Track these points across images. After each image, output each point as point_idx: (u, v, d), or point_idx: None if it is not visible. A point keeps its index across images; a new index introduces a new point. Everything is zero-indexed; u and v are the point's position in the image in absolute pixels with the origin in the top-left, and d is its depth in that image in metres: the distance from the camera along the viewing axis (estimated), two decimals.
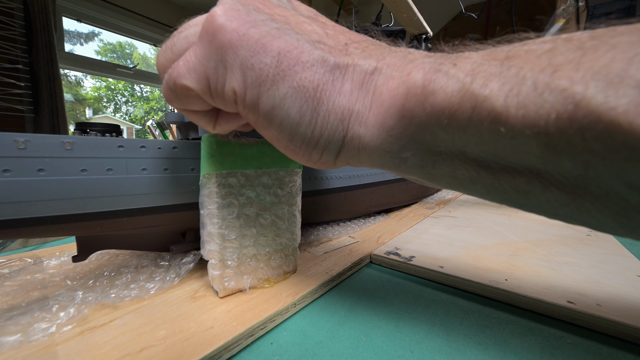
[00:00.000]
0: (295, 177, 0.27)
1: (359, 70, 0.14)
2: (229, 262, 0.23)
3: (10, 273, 0.27)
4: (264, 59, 0.14)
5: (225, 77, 0.15)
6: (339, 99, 0.14)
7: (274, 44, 0.14)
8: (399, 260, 0.30)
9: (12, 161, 0.18)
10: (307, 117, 0.14)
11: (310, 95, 0.14)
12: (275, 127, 0.15)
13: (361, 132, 0.15)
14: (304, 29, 0.15)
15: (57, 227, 0.21)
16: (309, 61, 0.14)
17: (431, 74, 0.12)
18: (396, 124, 0.13)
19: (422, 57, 0.14)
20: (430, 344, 0.19)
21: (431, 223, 0.47)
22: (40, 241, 0.40)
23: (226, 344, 0.18)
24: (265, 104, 0.15)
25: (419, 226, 0.45)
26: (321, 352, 0.18)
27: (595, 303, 0.22)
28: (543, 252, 0.33)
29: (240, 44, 0.14)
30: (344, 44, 0.15)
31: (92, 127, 0.27)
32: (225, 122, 0.20)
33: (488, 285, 0.25)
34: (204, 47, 0.15)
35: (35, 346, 0.17)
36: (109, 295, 0.23)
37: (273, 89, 0.14)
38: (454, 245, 0.35)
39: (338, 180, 0.40)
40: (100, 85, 2.76)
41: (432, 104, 0.12)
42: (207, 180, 0.22)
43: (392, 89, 0.13)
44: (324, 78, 0.14)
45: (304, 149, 0.16)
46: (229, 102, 0.16)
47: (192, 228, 0.29)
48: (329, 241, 0.37)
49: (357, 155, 0.16)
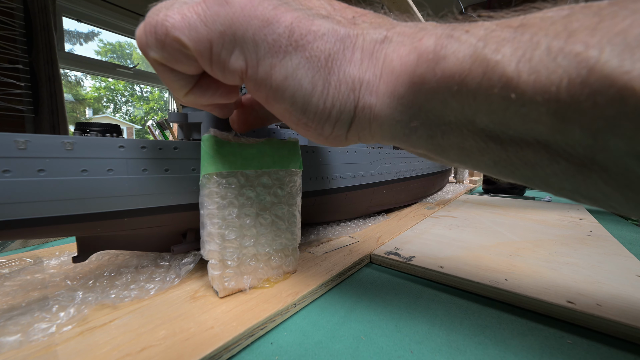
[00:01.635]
0: (295, 177, 0.27)
1: (369, 39, 0.14)
2: (229, 262, 0.23)
3: (10, 273, 0.27)
4: (276, 29, 0.14)
5: (234, 49, 0.14)
6: (349, 68, 0.14)
7: (286, 15, 0.14)
8: (399, 260, 0.30)
9: (12, 161, 0.18)
10: (319, 87, 0.14)
11: (322, 64, 0.14)
12: (288, 99, 0.15)
13: (372, 102, 0.15)
14: (312, 4, 0.15)
15: (57, 227, 0.21)
16: (320, 30, 0.14)
17: (443, 39, 0.12)
18: (406, 91, 0.13)
19: (434, 26, 0.14)
20: (430, 344, 0.19)
21: (431, 223, 0.47)
22: (40, 241, 0.40)
23: (226, 344, 0.18)
24: (278, 75, 0.14)
25: (418, 226, 0.44)
26: (321, 352, 0.18)
27: (595, 303, 0.22)
28: (543, 252, 0.33)
29: (254, 13, 0.14)
30: (351, 17, 0.15)
31: (92, 127, 0.27)
32: (200, 92, 0.18)
33: (488, 286, 0.25)
34: (211, 9, 0.14)
35: (35, 346, 0.17)
36: (109, 295, 0.23)
37: (286, 59, 0.14)
38: (454, 245, 0.35)
39: (338, 181, 0.40)
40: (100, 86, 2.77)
41: (442, 69, 0.12)
42: (207, 181, 0.22)
43: (403, 56, 0.13)
44: (334, 47, 0.14)
45: (316, 122, 0.16)
46: (232, 74, 0.15)
47: (192, 228, 0.29)
48: (329, 241, 0.37)
49: (368, 127, 0.16)
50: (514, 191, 0.80)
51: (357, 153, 0.42)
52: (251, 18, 0.14)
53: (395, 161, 0.52)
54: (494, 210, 0.57)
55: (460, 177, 1.05)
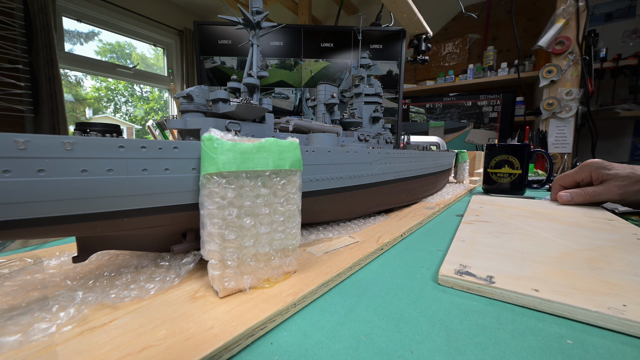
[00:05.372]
0: (295, 177, 0.27)
1: None
2: (229, 262, 0.23)
3: (10, 273, 0.27)
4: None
5: None
6: None
7: None
8: (478, 282, 0.26)
9: (12, 162, 0.18)
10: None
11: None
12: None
13: None
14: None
15: (57, 227, 0.21)
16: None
17: None
18: None
19: None
20: (430, 344, 0.19)
21: (471, 230, 0.43)
22: (40, 241, 0.40)
23: (226, 344, 0.18)
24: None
25: (461, 235, 0.40)
26: (321, 352, 0.18)
27: None
28: (619, 263, 0.30)
29: None
30: None
31: (92, 127, 0.27)
32: None
33: (610, 316, 0.21)
34: None
35: (35, 346, 0.17)
36: (109, 295, 0.23)
37: None
38: (520, 258, 0.31)
39: (338, 181, 0.40)
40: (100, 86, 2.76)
41: None
42: (207, 181, 0.22)
43: None
44: None
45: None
46: None
47: (192, 228, 0.29)
48: (329, 241, 0.37)
49: None
50: (515, 191, 0.80)
51: (357, 153, 0.42)
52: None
53: (395, 161, 0.52)
54: (517, 212, 0.55)
55: (460, 177, 1.05)
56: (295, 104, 1.10)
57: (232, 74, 0.63)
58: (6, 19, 1.53)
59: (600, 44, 1.79)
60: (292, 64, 1.08)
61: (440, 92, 2.35)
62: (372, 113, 0.62)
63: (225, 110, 0.33)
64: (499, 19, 2.34)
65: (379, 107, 0.62)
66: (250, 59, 0.40)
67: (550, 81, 1.63)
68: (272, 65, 1.07)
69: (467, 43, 2.44)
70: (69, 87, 2.48)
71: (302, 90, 1.09)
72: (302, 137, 0.42)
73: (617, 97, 1.91)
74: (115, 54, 2.72)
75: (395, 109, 1.09)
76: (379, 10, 1.22)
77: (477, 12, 1.25)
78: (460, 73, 2.29)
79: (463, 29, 2.48)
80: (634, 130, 1.98)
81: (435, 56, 2.57)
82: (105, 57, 2.62)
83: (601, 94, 1.93)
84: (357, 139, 0.54)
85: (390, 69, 1.07)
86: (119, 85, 2.89)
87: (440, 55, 2.55)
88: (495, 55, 2.20)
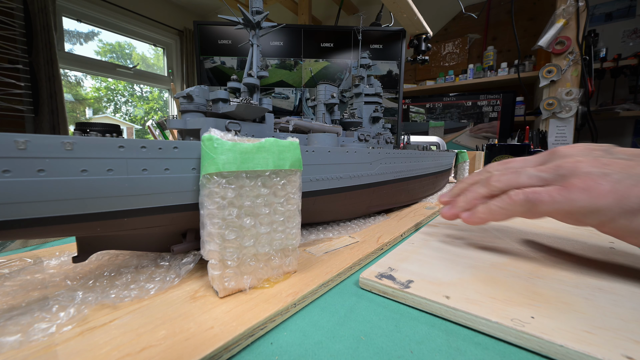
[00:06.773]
0: (295, 177, 0.27)
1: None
2: (229, 262, 0.23)
3: (10, 273, 0.27)
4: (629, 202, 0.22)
5: (598, 219, 0.24)
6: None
7: (633, 190, 0.22)
8: (394, 287, 0.25)
9: (12, 161, 0.18)
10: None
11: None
12: None
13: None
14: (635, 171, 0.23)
15: (57, 227, 0.21)
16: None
17: None
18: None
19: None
20: (430, 344, 0.19)
21: (430, 232, 0.41)
22: (40, 241, 0.40)
23: (226, 344, 0.18)
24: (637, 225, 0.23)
25: (413, 238, 0.38)
26: (321, 352, 0.18)
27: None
28: (567, 273, 0.27)
29: (616, 198, 0.23)
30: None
31: (92, 127, 0.27)
32: None
33: (510, 328, 0.19)
34: (577, 196, 0.24)
35: (35, 346, 0.17)
36: (109, 295, 0.23)
37: None
38: (460, 263, 0.30)
39: (338, 181, 0.40)
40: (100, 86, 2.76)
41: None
42: (207, 181, 0.22)
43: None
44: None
45: None
46: (586, 224, 0.25)
47: (192, 228, 0.29)
48: (329, 241, 0.37)
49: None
50: None
51: (357, 153, 0.42)
52: (613, 204, 0.23)
53: (395, 161, 0.52)
54: None
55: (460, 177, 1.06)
56: (295, 104, 1.10)
57: (232, 74, 0.63)
58: (6, 19, 1.53)
59: (600, 44, 1.79)
60: (292, 64, 1.08)
61: (440, 92, 2.35)
62: (372, 113, 0.62)
63: (225, 110, 0.33)
64: (499, 19, 2.34)
65: (379, 107, 0.62)
66: (250, 59, 0.40)
67: (550, 81, 1.63)
68: (272, 65, 1.07)
69: (467, 43, 2.44)
70: (69, 87, 2.48)
71: (302, 90, 1.09)
72: (302, 137, 0.42)
73: (617, 97, 1.91)
74: (115, 54, 2.72)
75: (395, 109, 1.09)
76: (379, 10, 1.22)
77: (477, 12, 1.25)
78: (460, 73, 2.29)
79: (463, 29, 2.48)
80: (634, 130, 1.98)
81: (435, 56, 2.57)
82: (105, 57, 2.62)
83: (601, 94, 1.93)
84: (357, 139, 0.54)
85: (390, 69, 1.07)
86: (119, 85, 2.89)
87: (440, 55, 2.55)
88: (495, 55, 2.20)
